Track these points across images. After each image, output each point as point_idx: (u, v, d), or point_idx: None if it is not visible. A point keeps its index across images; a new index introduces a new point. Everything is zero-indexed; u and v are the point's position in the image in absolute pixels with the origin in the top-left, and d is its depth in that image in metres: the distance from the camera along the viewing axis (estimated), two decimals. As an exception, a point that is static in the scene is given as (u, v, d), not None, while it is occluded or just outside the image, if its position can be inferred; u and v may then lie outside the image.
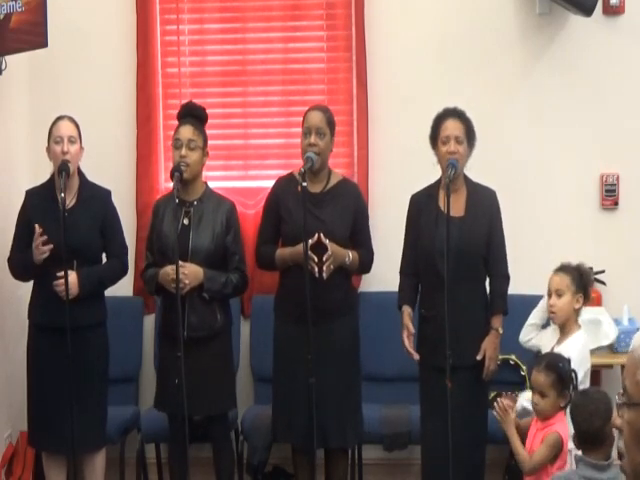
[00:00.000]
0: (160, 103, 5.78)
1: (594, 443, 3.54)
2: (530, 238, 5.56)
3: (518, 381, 5.38)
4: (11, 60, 5.23)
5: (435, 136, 4.70)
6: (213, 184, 5.12)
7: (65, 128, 4.85)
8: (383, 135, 5.70)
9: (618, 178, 5.63)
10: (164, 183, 5.75)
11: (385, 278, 5.27)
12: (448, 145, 4.64)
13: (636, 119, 5.61)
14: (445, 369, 4.47)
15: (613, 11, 5.59)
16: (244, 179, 5.82)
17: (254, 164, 5.83)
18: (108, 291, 5.01)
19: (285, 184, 4.96)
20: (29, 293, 4.99)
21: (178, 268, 4.56)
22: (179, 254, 4.60)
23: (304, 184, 4.57)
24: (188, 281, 4.68)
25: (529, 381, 4.44)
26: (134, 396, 5.63)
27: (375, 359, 5.44)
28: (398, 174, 5.63)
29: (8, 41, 5.03)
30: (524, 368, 5.30)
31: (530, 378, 4.26)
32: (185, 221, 4.81)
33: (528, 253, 5.43)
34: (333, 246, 4.76)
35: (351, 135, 5.72)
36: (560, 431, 4.01)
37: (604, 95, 5.63)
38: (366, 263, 5.00)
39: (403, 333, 4.72)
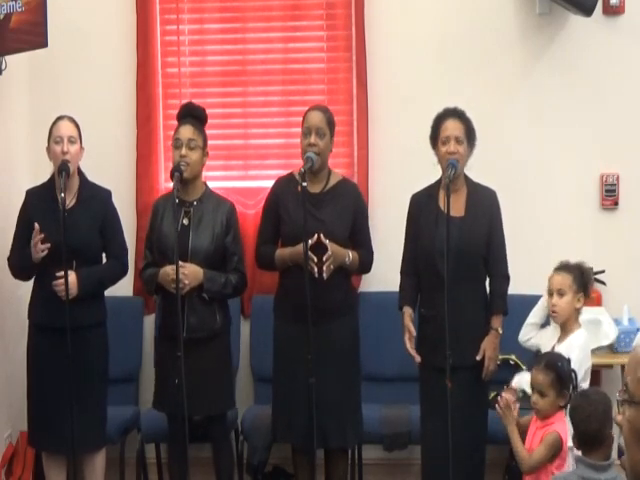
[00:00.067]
0: (160, 103, 5.78)
1: (593, 444, 3.54)
2: (530, 238, 5.56)
3: (518, 381, 5.39)
4: (11, 60, 5.23)
5: (435, 136, 4.70)
6: (213, 184, 5.12)
7: (65, 128, 4.84)
8: (383, 135, 5.69)
9: (618, 178, 5.63)
10: (164, 183, 5.75)
11: (385, 278, 5.27)
12: (448, 145, 4.64)
13: (636, 119, 5.61)
14: (445, 369, 4.47)
15: (613, 11, 5.59)
16: (244, 179, 5.81)
17: (254, 164, 5.83)
18: (108, 291, 5.01)
19: (285, 184, 4.96)
20: (29, 293, 4.99)
21: (178, 268, 4.55)
22: (179, 254, 4.60)
23: (304, 184, 4.57)
24: (188, 281, 4.68)
25: (530, 381, 4.43)
26: (134, 396, 5.63)
27: (375, 359, 5.44)
28: (398, 174, 5.63)
29: (8, 41, 5.03)
30: (524, 368, 5.29)
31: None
32: (185, 221, 4.80)
33: (528, 253, 5.43)
34: (333, 246, 4.76)
35: (351, 135, 5.71)
36: (559, 431, 4.01)
37: (604, 95, 5.62)
38: (366, 263, 5.00)
39: (405, 335, 4.72)
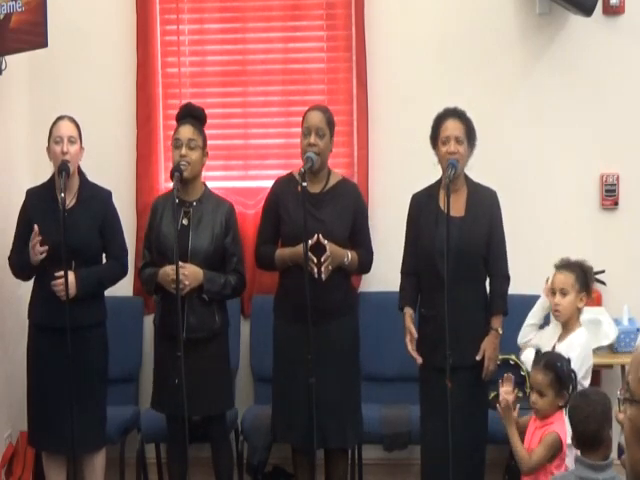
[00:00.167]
0: (160, 103, 5.78)
1: (592, 444, 3.54)
2: (530, 238, 5.55)
3: (518, 381, 5.36)
4: (11, 60, 5.23)
5: (435, 136, 4.70)
6: (213, 184, 5.12)
7: (65, 128, 4.84)
8: (383, 135, 5.69)
9: (618, 178, 5.63)
10: (164, 183, 5.75)
11: (385, 278, 5.27)
12: (448, 145, 4.64)
13: (636, 119, 5.61)
14: (445, 369, 4.47)
15: (613, 11, 5.59)
16: (244, 179, 5.81)
17: (254, 164, 5.83)
18: (108, 291, 5.00)
19: (284, 184, 4.95)
20: (29, 293, 4.99)
21: (178, 269, 4.55)
22: (178, 254, 4.59)
23: (304, 184, 4.57)
24: (188, 282, 4.67)
25: (529, 381, 4.43)
26: (134, 396, 5.63)
27: (375, 359, 5.43)
28: (398, 174, 5.63)
29: (8, 41, 5.03)
30: (524, 368, 5.29)
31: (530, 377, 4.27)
32: (184, 221, 4.80)
33: (528, 253, 5.42)
34: (332, 246, 4.75)
35: (351, 135, 5.71)
36: (558, 431, 4.01)
37: (604, 95, 5.62)
38: (366, 263, 4.99)
39: (406, 337, 4.71)
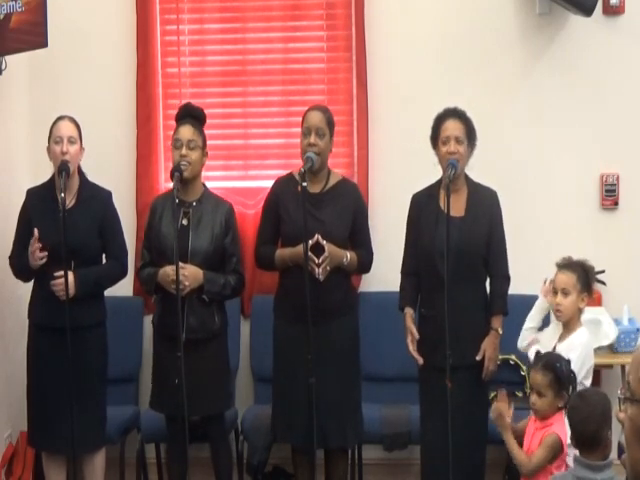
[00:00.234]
0: (160, 103, 5.78)
1: (591, 445, 3.54)
2: (530, 238, 5.55)
3: (518, 381, 5.38)
4: (11, 60, 5.23)
5: (435, 136, 4.70)
6: (213, 184, 5.12)
7: (65, 128, 4.84)
8: (383, 135, 5.69)
9: (618, 178, 5.63)
10: (164, 183, 5.74)
11: (385, 278, 5.27)
12: (448, 145, 4.64)
13: (636, 119, 5.61)
14: (445, 369, 4.47)
15: (613, 11, 5.59)
16: (244, 179, 5.81)
17: (254, 164, 5.83)
18: (108, 291, 5.00)
19: (284, 184, 4.95)
20: (29, 293, 4.99)
21: (178, 269, 4.55)
22: (178, 255, 4.58)
23: (304, 184, 4.57)
24: (188, 283, 4.67)
25: (529, 381, 4.43)
26: (134, 396, 5.63)
27: (375, 359, 5.43)
28: (398, 174, 5.63)
29: (8, 41, 5.03)
30: (524, 368, 5.30)
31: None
32: (184, 221, 4.79)
33: (528, 253, 5.42)
34: (330, 247, 4.75)
35: (351, 135, 5.71)
36: (559, 432, 4.00)
37: (604, 95, 5.62)
38: (365, 263, 4.99)
39: (407, 337, 4.71)
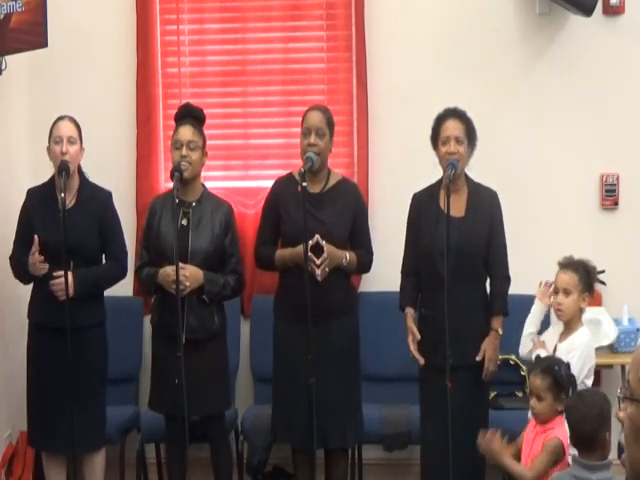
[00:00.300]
0: (160, 103, 5.78)
1: (589, 446, 3.54)
2: (530, 238, 5.55)
3: (518, 381, 5.39)
4: (11, 60, 5.23)
5: (436, 136, 4.70)
6: (213, 184, 5.12)
7: (65, 128, 4.84)
8: (383, 135, 5.69)
9: (618, 178, 5.63)
10: (164, 183, 5.74)
11: (385, 278, 5.27)
12: (448, 145, 4.64)
13: (636, 119, 5.61)
14: (445, 369, 4.47)
15: (613, 11, 5.59)
16: (244, 179, 5.81)
17: (254, 164, 5.83)
18: (108, 291, 5.00)
19: (284, 184, 4.95)
20: (29, 293, 4.99)
21: (178, 270, 4.54)
22: (178, 255, 4.58)
23: (304, 184, 4.56)
24: (189, 283, 4.66)
25: (529, 381, 4.43)
26: (134, 396, 5.63)
27: (375, 359, 5.43)
28: (398, 174, 5.63)
29: (8, 41, 5.03)
30: (524, 368, 5.30)
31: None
32: (184, 222, 4.79)
33: (528, 253, 5.42)
34: (330, 248, 4.75)
35: (351, 135, 5.71)
36: (560, 436, 3.98)
37: (604, 95, 5.62)
38: (365, 263, 4.99)
39: (408, 337, 4.71)
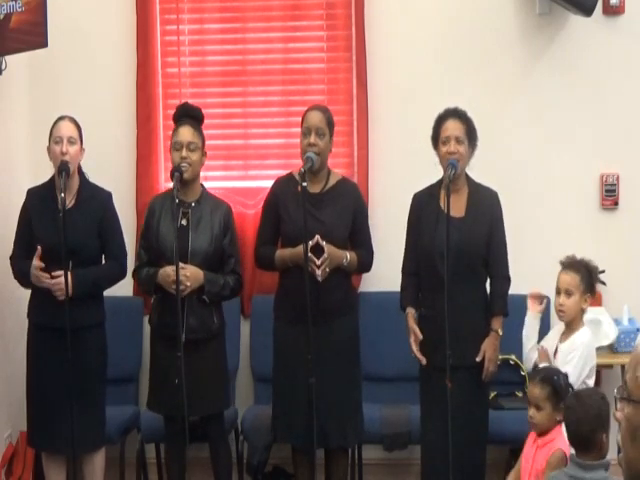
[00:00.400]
0: (160, 103, 5.78)
1: (586, 446, 3.53)
2: (530, 238, 5.55)
3: (518, 381, 5.38)
4: (11, 60, 5.23)
5: (436, 136, 4.70)
6: (213, 184, 5.12)
7: (65, 129, 4.84)
8: (383, 135, 5.69)
9: (618, 178, 5.63)
10: (164, 183, 5.74)
11: (385, 278, 5.27)
12: (448, 145, 4.64)
13: (636, 119, 5.61)
14: (445, 369, 4.47)
15: (613, 11, 5.59)
16: (244, 179, 5.81)
17: (254, 164, 5.83)
18: (108, 291, 5.00)
19: (284, 184, 4.95)
20: (29, 293, 4.99)
21: (178, 270, 4.54)
22: (178, 255, 4.58)
23: (304, 184, 4.56)
24: (189, 283, 4.66)
25: (527, 391, 4.41)
26: (134, 396, 5.62)
27: (375, 359, 5.43)
28: (398, 174, 5.63)
29: (8, 41, 5.03)
30: (524, 368, 5.30)
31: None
32: (183, 222, 4.78)
33: (528, 253, 5.42)
34: (330, 248, 4.75)
35: (351, 135, 5.71)
36: (562, 446, 3.95)
37: (604, 95, 5.62)
38: (365, 263, 4.99)
39: (410, 337, 4.70)
